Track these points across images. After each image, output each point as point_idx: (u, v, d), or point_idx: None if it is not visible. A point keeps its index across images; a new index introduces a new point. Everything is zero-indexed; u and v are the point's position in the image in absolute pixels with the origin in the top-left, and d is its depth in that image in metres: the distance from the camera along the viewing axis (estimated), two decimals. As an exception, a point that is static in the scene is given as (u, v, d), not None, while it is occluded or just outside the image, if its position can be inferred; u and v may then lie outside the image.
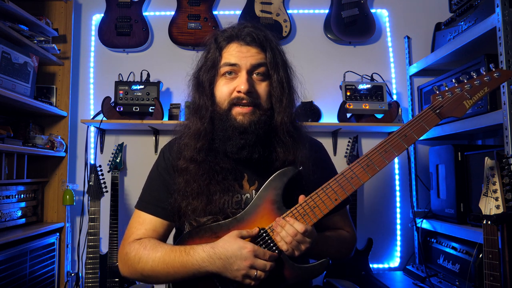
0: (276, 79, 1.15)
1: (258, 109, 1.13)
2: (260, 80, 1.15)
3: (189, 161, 1.16)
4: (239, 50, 1.15)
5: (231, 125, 1.12)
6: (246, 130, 1.11)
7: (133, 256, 1.12)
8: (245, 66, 1.13)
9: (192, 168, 1.14)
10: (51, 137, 2.23)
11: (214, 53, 1.18)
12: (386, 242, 2.50)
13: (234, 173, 1.17)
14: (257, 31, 1.17)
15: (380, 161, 1.06)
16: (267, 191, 1.10)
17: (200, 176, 1.13)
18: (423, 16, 2.60)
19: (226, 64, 1.15)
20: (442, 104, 1.10)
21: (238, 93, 1.12)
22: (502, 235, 1.28)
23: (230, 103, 1.13)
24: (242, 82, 1.11)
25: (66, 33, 2.42)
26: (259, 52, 1.15)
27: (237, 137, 1.11)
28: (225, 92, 1.14)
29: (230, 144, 1.12)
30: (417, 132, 1.07)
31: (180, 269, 1.04)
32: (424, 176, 2.43)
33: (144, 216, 1.21)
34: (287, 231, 1.02)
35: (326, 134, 2.52)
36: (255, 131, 1.11)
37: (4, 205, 1.96)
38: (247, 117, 1.12)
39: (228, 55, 1.15)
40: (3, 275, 1.76)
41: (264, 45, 1.16)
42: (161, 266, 1.06)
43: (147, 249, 1.11)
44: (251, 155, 1.12)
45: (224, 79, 1.16)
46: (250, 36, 1.15)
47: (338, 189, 1.06)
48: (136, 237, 1.17)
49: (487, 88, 1.10)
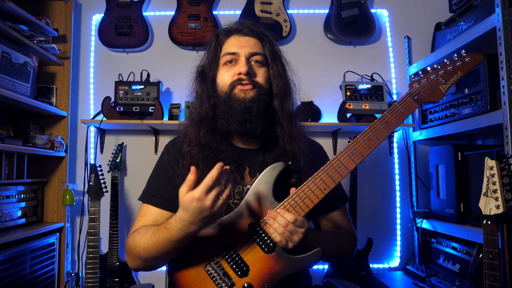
0: (274, 68, 1.24)
1: (258, 87, 1.20)
2: (258, 66, 1.23)
3: (192, 144, 1.21)
4: (238, 40, 1.24)
5: (234, 102, 1.18)
6: (247, 105, 1.18)
7: (131, 243, 1.16)
8: (244, 53, 1.21)
9: (196, 152, 1.20)
10: (51, 137, 2.23)
11: (215, 48, 1.26)
12: (386, 242, 2.50)
13: (236, 163, 1.21)
14: (254, 26, 1.27)
15: (365, 148, 1.11)
16: (258, 186, 1.13)
17: (203, 161, 1.18)
18: (423, 16, 2.60)
19: (226, 53, 1.23)
20: (419, 91, 1.16)
21: (239, 75, 1.19)
22: (502, 235, 1.28)
23: (232, 86, 1.20)
24: (242, 65, 1.19)
25: (66, 33, 2.42)
26: (257, 42, 1.25)
27: (240, 112, 1.17)
28: (226, 78, 1.22)
29: (233, 120, 1.18)
30: (398, 118, 1.13)
31: (167, 243, 1.06)
32: (424, 176, 2.43)
33: (146, 208, 1.25)
34: (278, 222, 1.05)
35: (326, 134, 2.52)
36: (256, 106, 1.18)
37: (4, 205, 1.96)
38: (248, 93, 1.19)
39: (228, 46, 1.24)
40: (3, 275, 1.76)
41: (261, 37, 1.26)
42: (152, 246, 1.09)
43: (140, 234, 1.15)
44: (254, 129, 1.18)
45: (225, 67, 1.23)
46: (248, 29, 1.25)
47: (326, 178, 1.10)
48: (137, 228, 1.21)
49: (460, 72, 1.17)
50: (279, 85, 1.23)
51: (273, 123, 1.24)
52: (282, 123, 1.22)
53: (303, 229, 1.06)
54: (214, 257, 1.10)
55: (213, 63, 1.25)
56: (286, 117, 1.23)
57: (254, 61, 1.23)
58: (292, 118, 1.25)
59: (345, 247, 1.31)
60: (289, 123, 1.23)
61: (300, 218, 1.06)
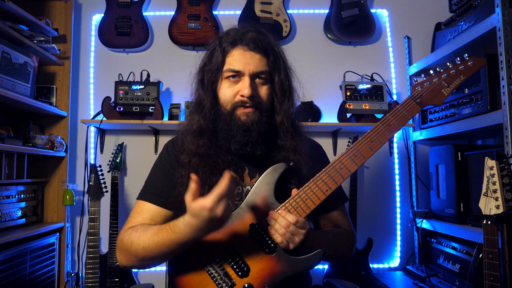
0: (277, 82, 1.22)
1: (259, 110, 1.19)
2: (261, 83, 1.21)
3: (191, 155, 1.21)
4: (242, 55, 1.20)
5: (235, 124, 1.18)
6: (249, 128, 1.17)
7: (126, 240, 1.14)
8: (248, 72, 1.18)
9: (195, 162, 1.19)
10: (51, 137, 2.23)
11: (218, 57, 1.22)
12: (386, 242, 2.50)
13: (235, 166, 1.21)
14: (260, 36, 1.22)
15: (367, 150, 1.12)
16: (260, 187, 1.14)
17: (202, 168, 1.18)
18: (423, 16, 2.60)
19: (230, 70, 1.20)
20: (422, 94, 1.17)
21: (242, 97, 1.18)
22: (502, 235, 1.28)
23: (234, 106, 1.19)
24: (246, 87, 1.17)
25: (66, 33, 2.42)
26: (262, 58, 1.21)
27: (241, 135, 1.17)
28: (229, 94, 1.20)
29: (234, 142, 1.18)
30: (400, 121, 1.14)
31: (172, 245, 1.06)
32: (424, 176, 2.43)
33: (143, 206, 1.24)
34: (280, 223, 1.06)
35: (326, 134, 2.52)
36: (257, 129, 1.18)
37: (4, 205, 1.96)
38: (250, 116, 1.18)
39: (232, 60, 1.20)
40: (3, 275, 1.76)
41: (266, 50, 1.22)
42: (153, 246, 1.08)
43: (138, 232, 1.13)
44: (254, 151, 1.19)
45: (228, 82, 1.21)
46: (253, 42, 1.20)
47: (328, 180, 1.11)
48: (132, 225, 1.19)
49: (463, 76, 1.17)
50: (281, 101, 1.22)
51: (275, 138, 1.23)
52: (284, 139, 1.22)
53: (304, 230, 1.06)
54: (215, 257, 1.10)
55: (215, 74, 1.22)
56: (288, 132, 1.22)
57: (258, 77, 1.21)
58: (295, 130, 1.24)
59: (344, 247, 1.31)
60: (292, 137, 1.22)
61: (301, 219, 1.06)
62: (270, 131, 1.21)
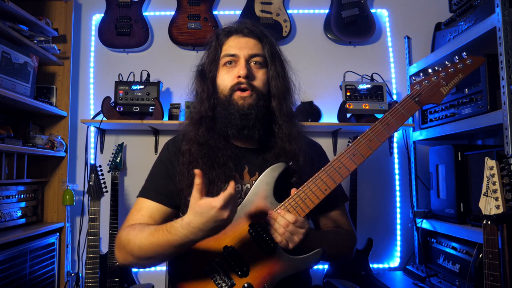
0: (273, 69, 1.25)
1: (256, 93, 1.21)
2: (257, 68, 1.24)
3: (191, 142, 1.22)
4: (237, 41, 1.24)
5: (232, 108, 1.20)
6: (246, 113, 1.19)
7: (124, 238, 1.14)
8: (243, 55, 1.22)
9: (195, 150, 1.21)
10: (51, 137, 2.23)
11: (215, 48, 1.27)
12: (386, 242, 2.50)
13: (235, 161, 1.22)
14: (254, 26, 1.27)
15: (366, 149, 1.12)
16: (259, 186, 1.14)
17: (202, 158, 1.19)
18: (423, 16, 2.60)
19: (226, 55, 1.24)
20: (420, 92, 1.17)
21: (238, 78, 1.20)
22: (502, 235, 1.28)
23: (231, 90, 1.21)
24: (241, 67, 1.20)
25: (66, 33, 2.42)
26: (257, 43, 1.25)
27: (238, 119, 1.19)
28: (226, 79, 1.23)
29: (231, 126, 1.20)
30: (398, 119, 1.14)
31: (166, 246, 1.04)
32: (424, 176, 2.43)
33: (142, 203, 1.24)
34: (279, 223, 1.06)
35: (326, 134, 2.52)
36: (254, 113, 1.19)
37: (4, 205, 1.96)
38: (247, 100, 1.20)
39: (228, 47, 1.25)
40: (3, 275, 1.76)
41: (261, 37, 1.26)
42: (148, 245, 1.07)
43: (135, 231, 1.13)
44: (251, 134, 1.20)
45: (225, 69, 1.24)
46: (248, 29, 1.25)
47: (327, 179, 1.11)
48: (132, 222, 1.19)
49: (461, 74, 1.18)
50: (277, 86, 1.24)
51: (272, 124, 1.24)
52: (280, 124, 1.23)
53: (303, 230, 1.06)
54: (214, 257, 1.10)
55: (213, 63, 1.26)
56: (284, 118, 1.24)
57: (253, 62, 1.23)
58: (291, 118, 1.25)
59: (344, 246, 1.31)
60: (287, 124, 1.24)
61: (301, 218, 1.06)
62: (267, 117, 1.23)
